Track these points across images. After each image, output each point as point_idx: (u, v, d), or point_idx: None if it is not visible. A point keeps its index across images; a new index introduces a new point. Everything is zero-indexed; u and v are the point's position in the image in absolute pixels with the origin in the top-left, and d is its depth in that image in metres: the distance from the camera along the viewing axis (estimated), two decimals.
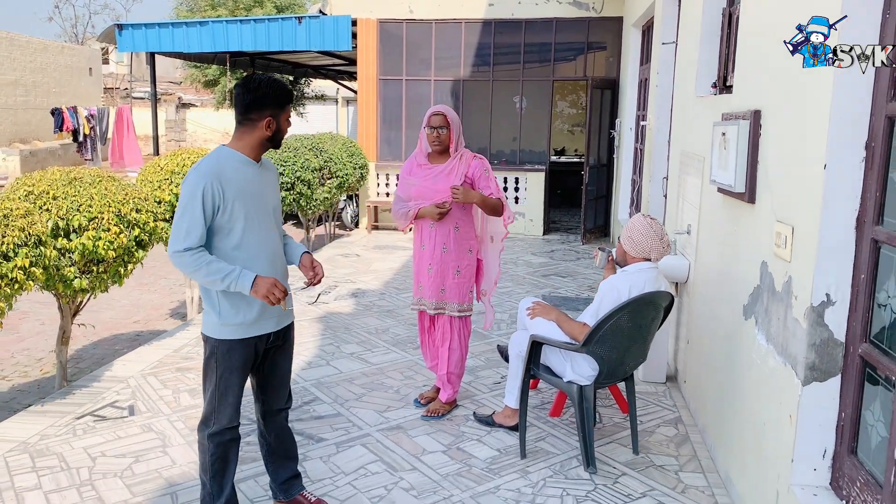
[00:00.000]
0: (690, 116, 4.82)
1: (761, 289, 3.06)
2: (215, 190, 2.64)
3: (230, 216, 2.69)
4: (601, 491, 3.37)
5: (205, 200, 2.62)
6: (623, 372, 3.61)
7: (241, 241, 2.73)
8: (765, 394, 2.94)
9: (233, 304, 2.76)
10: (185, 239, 2.63)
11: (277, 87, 2.73)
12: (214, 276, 2.63)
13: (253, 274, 2.67)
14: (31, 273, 3.76)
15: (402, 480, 3.44)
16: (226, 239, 2.72)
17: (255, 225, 2.76)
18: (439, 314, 4.12)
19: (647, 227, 3.56)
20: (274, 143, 2.81)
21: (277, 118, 2.75)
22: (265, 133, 2.74)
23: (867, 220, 2.39)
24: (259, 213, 2.78)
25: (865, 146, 2.40)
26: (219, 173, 2.67)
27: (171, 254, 2.67)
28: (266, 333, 2.86)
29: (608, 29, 10.44)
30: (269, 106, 2.72)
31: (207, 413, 2.85)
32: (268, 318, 2.84)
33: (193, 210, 2.63)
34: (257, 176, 2.80)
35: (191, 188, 2.64)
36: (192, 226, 2.63)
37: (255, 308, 2.78)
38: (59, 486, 3.36)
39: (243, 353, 2.81)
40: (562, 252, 9.37)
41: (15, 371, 5.67)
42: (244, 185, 2.73)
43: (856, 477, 2.40)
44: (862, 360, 2.43)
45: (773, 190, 2.97)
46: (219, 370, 2.79)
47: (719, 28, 4.43)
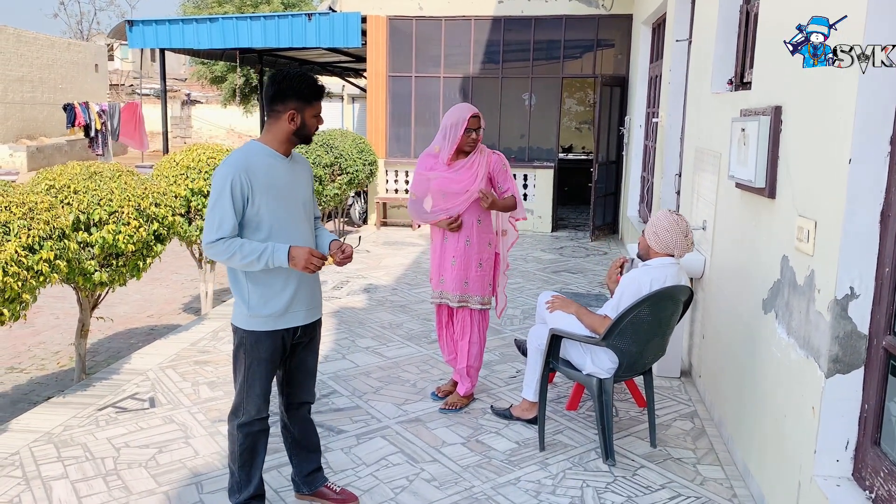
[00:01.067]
0: (706, 113, 4.85)
1: (782, 283, 3.09)
2: (243, 182, 2.68)
3: (258, 209, 2.73)
4: (620, 483, 3.41)
5: (234, 192, 2.67)
6: (642, 365, 3.65)
7: (270, 235, 2.76)
8: (786, 386, 2.97)
9: (262, 296, 2.80)
10: (218, 230, 2.68)
11: (303, 81, 2.74)
12: (250, 256, 2.68)
13: (287, 245, 2.71)
14: (55, 266, 3.80)
15: (423, 471, 3.48)
16: (255, 233, 2.76)
17: (283, 218, 2.79)
18: (462, 307, 4.16)
19: (672, 223, 3.58)
20: (301, 139, 2.83)
21: (302, 112, 2.76)
22: (290, 127, 2.76)
23: (891, 215, 2.42)
24: (288, 207, 2.81)
25: (891, 141, 2.42)
26: (246, 166, 2.70)
27: (205, 245, 2.72)
28: (294, 327, 2.89)
29: (617, 26, 10.46)
30: (293, 99, 2.73)
31: (237, 403, 2.89)
32: (296, 311, 2.87)
33: (223, 202, 2.67)
34: (287, 170, 2.82)
35: (220, 181, 2.69)
36: (224, 217, 2.68)
37: (284, 300, 2.82)
38: (86, 475, 3.40)
39: (271, 345, 2.84)
40: (571, 249, 9.40)
41: (32, 364, 5.72)
42: (272, 178, 2.76)
43: (879, 467, 2.43)
44: (886, 353, 2.46)
45: (795, 185, 3.00)
46: (247, 361, 2.84)
47: (736, 25, 4.46)
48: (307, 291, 2.92)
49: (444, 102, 10.82)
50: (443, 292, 4.21)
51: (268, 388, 2.90)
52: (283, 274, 2.81)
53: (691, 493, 3.33)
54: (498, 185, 4.14)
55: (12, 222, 3.60)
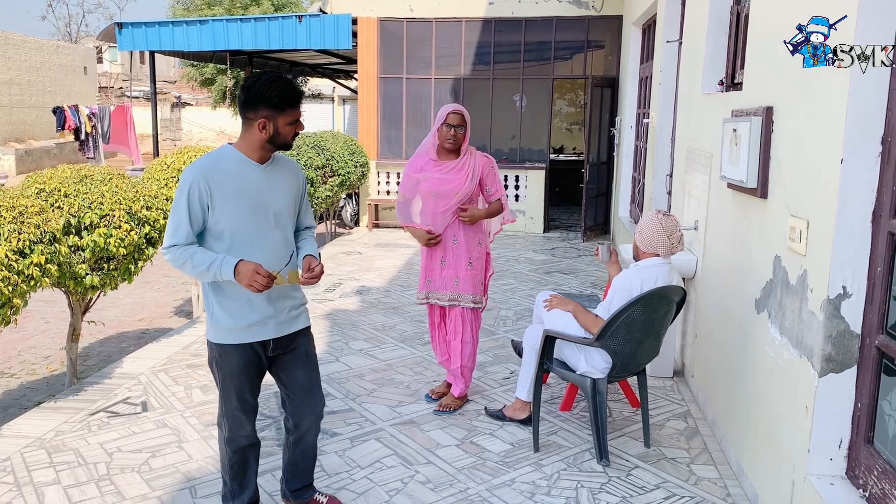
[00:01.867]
0: (696, 113, 4.87)
1: (774, 283, 3.11)
2: (202, 188, 2.55)
3: (218, 217, 2.60)
4: (615, 483, 3.41)
5: (191, 198, 2.55)
6: (636, 366, 3.66)
7: (232, 245, 2.63)
8: (779, 386, 2.99)
9: (224, 309, 2.69)
10: (172, 236, 2.59)
11: (274, 86, 2.55)
12: (199, 267, 2.56)
13: (235, 259, 2.55)
14: (46, 270, 3.78)
15: (417, 474, 3.47)
16: (216, 242, 2.64)
17: (248, 228, 2.64)
18: (453, 306, 4.16)
19: (656, 223, 3.60)
20: (276, 146, 2.65)
21: (274, 121, 2.57)
22: (261, 135, 2.59)
23: (883, 214, 2.44)
24: (256, 216, 2.65)
25: (882, 141, 2.44)
26: (210, 171, 2.59)
27: (161, 251, 2.66)
28: (264, 340, 2.76)
29: (607, 27, 10.49)
30: (264, 106, 2.56)
31: (219, 416, 2.85)
32: (263, 325, 2.74)
33: (180, 208, 2.57)
34: (259, 176, 2.67)
35: (180, 185, 2.59)
36: (179, 224, 2.57)
37: (247, 312, 2.69)
38: (78, 480, 3.38)
39: (240, 358, 2.72)
40: (563, 249, 9.41)
41: (23, 369, 5.68)
42: (239, 185, 2.62)
43: (873, 466, 2.44)
44: (879, 351, 2.47)
45: (787, 185, 3.01)
46: (219, 375, 2.77)
47: (727, 26, 4.48)
48: (278, 302, 2.76)
49: (436, 104, 10.82)
50: (429, 292, 4.21)
51: (246, 402, 2.80)
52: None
53: (685, 492, 3.34)
54: (486, 188, 4.17)
55: (2, 226, 3.58)
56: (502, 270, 7.98)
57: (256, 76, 2.58)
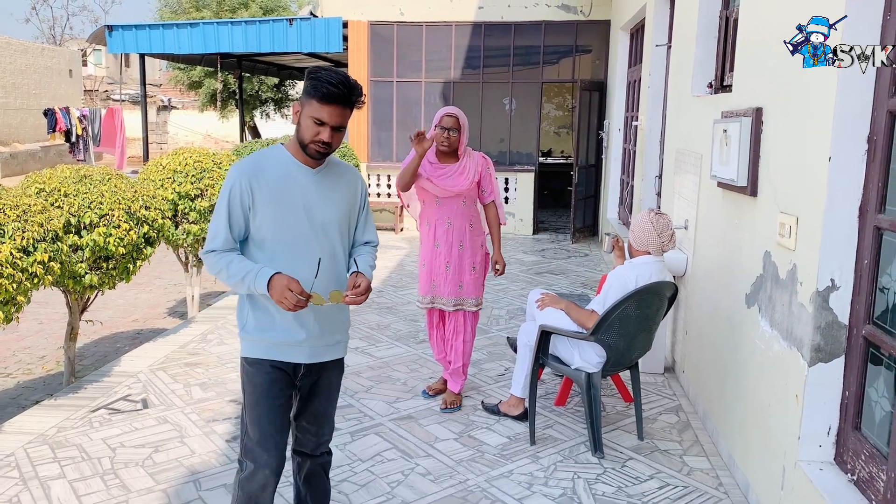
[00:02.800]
0: (686, 115, 4.98)
1: (764, 277, 3.21)
2: (244, 190, 2.35)
3: (260, 224, 2.38)
4: (610, 474, 3.50)
5: (231, 201, 2.35)
6: (629, 360, 3.75)
7: (274, 256, 2.39)
8: (769, 376, 3.09)
9: (258, 322, 2.46)
10: (211, 241, 2.39)
11: (324, 75, 2.27)
12: (234, 277, 2.34)
13: (272, 271, 2.30)
14: (49, 268, 3.82)
15: (418, 466, 3.55)
16: (258, 250, 2.41)
17: (291, 238, 2.40)
18: (458, 310, 4.23)
19: (646, 223, 3.71)
20: (303, 146, 2.34)
21: (302, 109, 2.31)
22: (305, 133, 2.33)
23: (870, 209, 2.55)
24: (300, 225, 2.40)
25: (868, 139, 2.55)
26: (253, 172, 2.37)
27: (201, 255, 2.45)
28: (295, 363, 2.49)
29: (595, 32, 10.63)
30: (304, 93, 2.32)
31: (241, 453, 2.50)
32: (297, 347, 2.47)
33: (220, 210, 2.38)
34: (308, 182, 2.41)
35: (223, 187, 2.39)
36: (218, 228, 2.38)
37: (281, 329, 2.44)
38: (83, 475, 3.42)
39: (268, 375, 2.44)
40: (553, 251, 9.52)
41: (18, 368, 5.69)
42: (284, 189, 2.37)
43: (860, 450, 2.55)
44: (866, 341, 2.58)
45: (776, 183, 3.12)
46: (246, 392, 2.49)
47: (716, 30, 4.60)
48: (317, 326, 2.47)
49: (426, 107, 10.91)
50: (434, 297, 4.26)
51: (272, 430, 2.44)
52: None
53: (679, 482, 3.43)
54: (482, 189, 4.24)
55: (6, 224, 3.62)
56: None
57: (320, 68, 2.37)
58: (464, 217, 4.17)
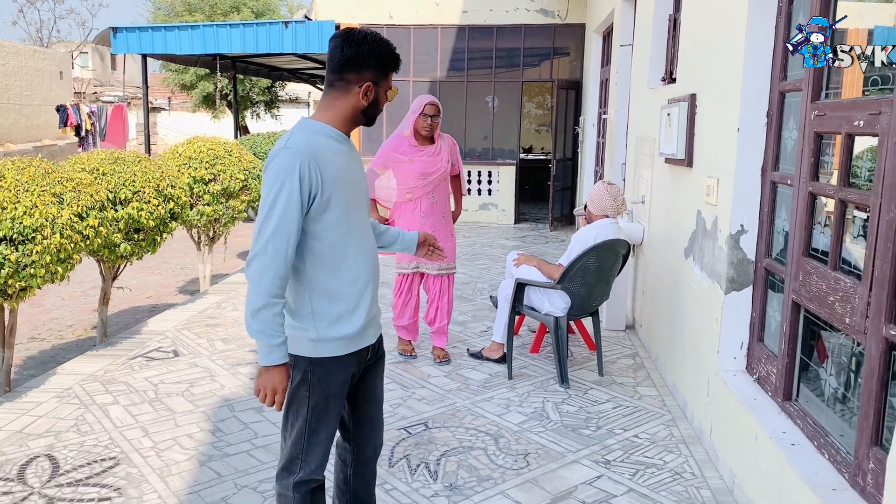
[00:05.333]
0: (644, 106, 5.72)
1: (697, 232, 3.94)
2: (313, 174, 2.06)
3: (327, 208, 2.12)
4: (574, 398, 4.22)
5: (301, 190, 2.05)
6: (590, 306, 4.47)
7: (335, 242, 2.17)
8: (700, 309, 3.82)
9: (332, 314, 2.18)
10: (275, 262, 2.04)
11: (385, 46, 2.18)
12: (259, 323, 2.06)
13: (284, 360, 2.10)
14: (98, 232, 4.48)
15: (414, 394, 4.24)
16: (316, 241, 2.15)
17: (354, 216, 2.22)
18: (441, 274, 4.90)
19: (603, 191, 4.45)
20: (368, 119, 2.23)
21: (378, 85, 2.18)
22: (360, 102, 2.17)
23: (768, 168, 3.28)
24: (358, 203, 2.25)
25: (766, 114, 3.28)
26: (315, 152, 2.09)
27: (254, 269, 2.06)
28: (367, 346, 2.30)
29: (572, 35, 11.38)
30: (371, 67, 2.15)
31: (292, 456, 2.25)
32: (372, 326, 2.30)
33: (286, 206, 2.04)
34: (350, 154, 2.23)
35: (276, 177, 2.04)
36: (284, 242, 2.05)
37: (361, 316, 2.22)
38: (133, 402, 4.09)
39: (345, 374, 2.23)
40: (532, 237, 10.25)
41: (51, 334, 6.33)
42: (340, 167, 2.16)
43: (761, 356, 3.27)
44: (766, 271, 3.30)
45: (704, 153, 3.86)
46: (311, 400, 2.20)
47: (666, 31, 5.34)
48: (377, 299, 2.33)
49: None
50: (419, 263, 4.92)
51: (334, 435, 2.31)
52: (359, 281, 2.21)
53: (630, 404, 4.15)
54: (452, 164, 4.91)
55: (65, 194, 4.27)
56: (478, 254, 8.78)
57: (358, 32, 2.18)
58: (443, 192, 4.84)
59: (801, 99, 2.94)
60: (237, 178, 6.69)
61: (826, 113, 2.70)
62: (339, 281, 2.18)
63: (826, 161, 2.81)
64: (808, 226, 2.86)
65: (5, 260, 3.92)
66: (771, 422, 2.90)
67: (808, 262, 2.82)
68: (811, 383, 2.93)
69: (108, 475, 3.24)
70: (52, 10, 43.82)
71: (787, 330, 2.97)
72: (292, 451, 2.24)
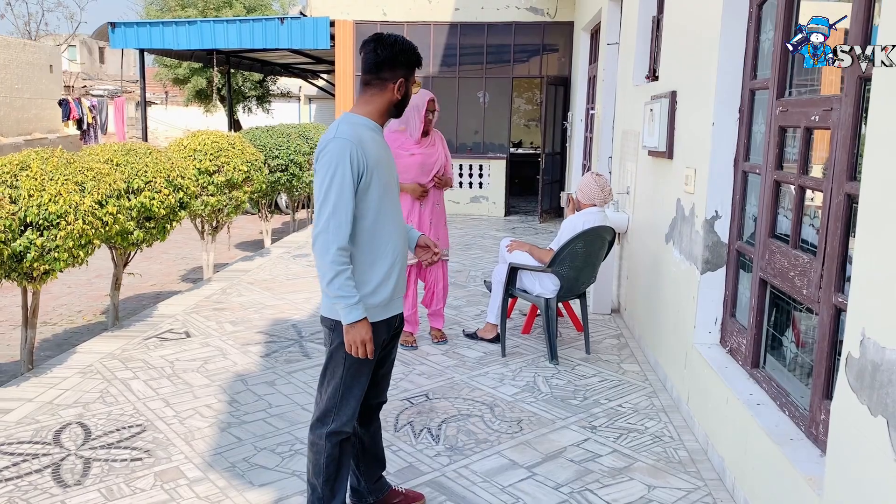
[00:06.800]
0: (630, 102, 6.05)
1: (676, 218, 4.27)
2: (360, 160, 2.39)
3: (368, 189, 2.44)
4: (563, 373, 4.54)
5: (353, 174, 2.38)
6: (578, 288, 4.79)
7: (376, 222, 2.49)
8: (678, 289, 4.15)
9: (371, 281, 2.50)
10: (337, 234, 2.36)
11: (411, 47, 2.55)
12: (335, 290, 2.37)
13: (363, 314, 2.40)
14: (117, 218, 4.76)
15: (414, 370, 4.56)
16: (358, 220, 2.45)
17: (389, 196, 2.54)
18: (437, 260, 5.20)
19: (591, 181, 4.78)
20: (398, 111, 2.57)
21: (408, 81, 2.54)
22: (394, 96, 2.52)
23: (740, 159, 3.60)
24: (392, 186, 2.57)
25: (738, 110, 3.60)
26: (360, 140, 2.42)
27: (321, 252, 2.38)
28: (395, 314, 2.64)
29: (561, 32, 11.70)
30: (402, 66, 2.51)
31: (326, 409, 2.57)
32: (398, 298, 2.63)
33: (343, 192, 2.37)
34: (383, 144, 2.58)
35: (333, 163, 2.36)
36: (345, 218, 2.37)
37: (391, 284, 2.55)
38: (152, 377, 4.38)
39: (378, 339, 2.54)
40: (522, 229, 10.58)
41: (62, 319, 6.59)
42: (379, 156, 2.50)
43: (733, 330, 3.61)
44: (738, 253, 3.64)
45: (683, 145, 4.18)
46: (348, 361, 2.51)
47: (650, 31, 5.66)
48: (405, 272, 2.65)
49: None
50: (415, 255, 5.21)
51: (365, 390, 2.62)
52: (390, 254, 2.54)
53: (615, 378, 4.48)
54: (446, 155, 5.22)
55: (87, 182, 4.55)
56: (470, 244, 9.10)
57: (388, 36, 2.54)
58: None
59: (767, 96, 3.27)
60: (240, 169, 6.97)
61: (789, 109, 3.03)
62: (377, 253, 2.50)
63: (789, 152, 3.14)
64: (773, 210, 3.19)
65: (31, 244, 4.20)
66: (740, 386, 3.23)
67: (773, 242, 3.15)
68: (775, 352, 3.27)
69: (136, 439, 3.54)
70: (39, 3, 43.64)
71: (755, 305, 3.31)
72: (327, 404, 2.56)
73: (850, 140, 2.44)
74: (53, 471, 3.22)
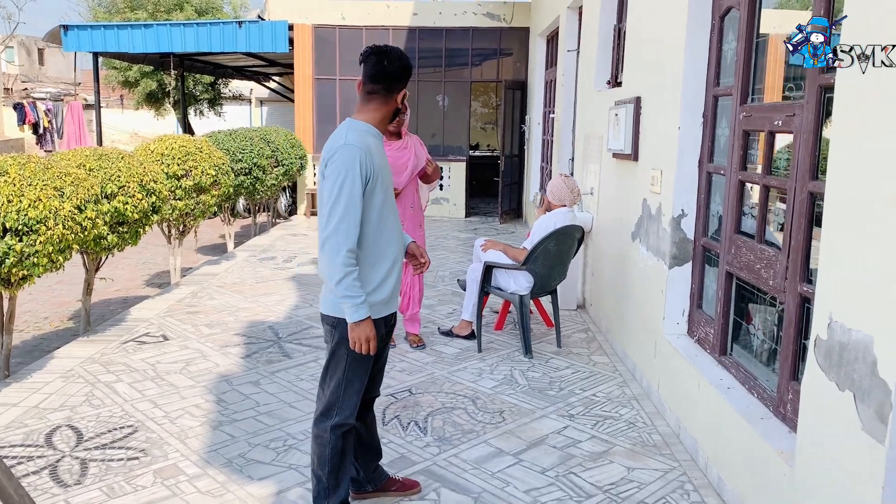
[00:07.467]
0: (591, 107, 6.30)
1: (643, 217, 4.51)
2: (368, 166, 2.53)
3: (373, 194, 2.58)
4: (537, 367, 4.74)
5: (362, 179, 2.52)
6: (550, 285, 5.00)
7: (379, 224, 2.63)
8: (646, 284, 4.39)
9: (373, 280, 2.63)
10: (347, 237, 2.49)
11: (408, 61, 2.72)
12: (343, 290, 2.48)
13: (368, 313, 2.53)
14: (95, 223, 4.77)
15: (395, 367, 4.69)
16: (366, 222, 2.58)
17: (389, 199, 2.69)
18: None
19: (561, 183, 5.00)
20: (394, 117, 2.79)
21: (403, 93, 2.74)
22: (397, 106, 2.71)
23: (704, 161, 3.85)
24: (391, 190, 2.72)
25: (703, 114, 3.85)
26: (366, 147, 2.56)
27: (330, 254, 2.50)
28: (393, 312, 2.77)
29: (516, 38, 11.97)
30: (406, 79, 2.69)
31: (330, 403, 2.70)
32: (396, 295, 2.77)
33: (353, 197, 2.50)
34: (383, 150, 2.74)
35: (343, 169, 2.49)
36: (354, 221, 2.50)
37: (391, 283, 2.69)
38: (136, 379, 4.42)
39: (378, 335, 2.65)
40: (484, 229, 10.79)
41: (29, 325, 6.52)
42: (381, 162, 2.65)
43: (700, 320, 3.85)
44: (703, 249, 3.88)
45: (649, 148, 4.43)
46: (350, 356, 2.64)
47: (611, 39, 5.92)
48: (401, 272, 2.80)
49: None
50: None
51: (365, 385, 2.76)
52: (391, 255, 2.68)
53: (587, 370, 4.70)
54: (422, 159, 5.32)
55: (65, 187, 4.56)
56: (435, 245, 9.26)
57: (394, 50, 2.70)
58: (412, 184, 5.28)
59: (731, 102, 3.52)
60: (208, 173, 6.99)
61: (752, 114, 3.28)
62: (379, 254, 2.64)
63: (752, 154, 3.40)
64: (738, 208, 3.44)
65: (10, 250, 4.21)
66: (710, 372, 3.47)
67: (738, 237, 3.40)
68: (741, 340, 3.52)
69: (130, 440, 3.60)
70: None
71: (722, 296, 3.55)
72: (330, 398, 2.70)
73: (812, 143, 2.68)
74: (51, 472, 3.27)
